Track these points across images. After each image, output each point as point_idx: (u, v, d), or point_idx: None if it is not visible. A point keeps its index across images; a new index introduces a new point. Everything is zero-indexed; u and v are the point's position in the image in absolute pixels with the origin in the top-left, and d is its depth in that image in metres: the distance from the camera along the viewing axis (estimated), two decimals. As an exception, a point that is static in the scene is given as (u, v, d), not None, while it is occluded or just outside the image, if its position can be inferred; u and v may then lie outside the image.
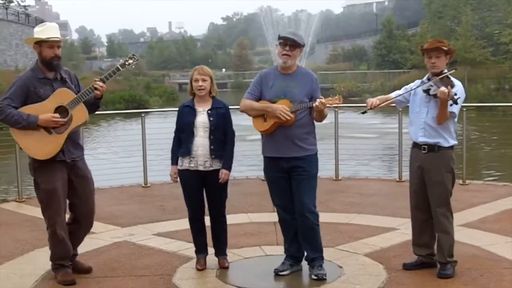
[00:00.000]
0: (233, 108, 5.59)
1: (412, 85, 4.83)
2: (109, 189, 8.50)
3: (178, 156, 4.85)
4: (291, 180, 4.65)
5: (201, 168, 4.76)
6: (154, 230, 6.23)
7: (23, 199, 7.79)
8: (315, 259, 4.70)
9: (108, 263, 5.15)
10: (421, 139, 4.69)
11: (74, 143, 4.68)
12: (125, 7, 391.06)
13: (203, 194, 4.90)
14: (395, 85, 27.71)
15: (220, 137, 4.80)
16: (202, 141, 4.75)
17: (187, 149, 4.77)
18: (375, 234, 5.87)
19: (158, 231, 6.18)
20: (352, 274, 4.74)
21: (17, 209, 7.38)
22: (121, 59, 4.87)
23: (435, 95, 4.47)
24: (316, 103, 4.46)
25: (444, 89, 4.33)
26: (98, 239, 5.77)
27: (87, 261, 5.00)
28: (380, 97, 4.84)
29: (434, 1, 49.01)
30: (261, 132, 4.73)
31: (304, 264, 4.83)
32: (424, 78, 4.75)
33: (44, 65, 4.57)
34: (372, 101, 4.71)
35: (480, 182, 8.84)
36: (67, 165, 4.61)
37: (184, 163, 4.80)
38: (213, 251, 5.03)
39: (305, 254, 4.79)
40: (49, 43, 4.52)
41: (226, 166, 4.80)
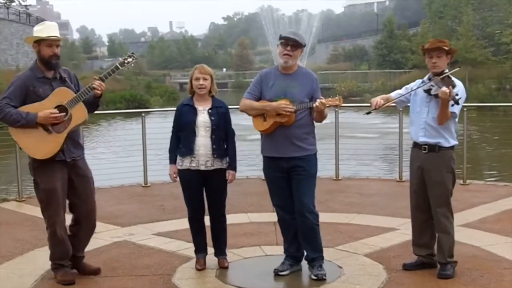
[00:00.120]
0: (234, 108, 5.59)
1: (413, 85, 4.81)
2: (109, 189, 8.49)
3: (177, 155, 4.83)
4: (291, 180, 4.64)
5: (203, 168, 4.74)
6: (154, 230, 6.22)
7: (23, 199, 7.80)
8: (315, 259, 4.70)
9: (108, 263, 5.15)
10: (422, 139, 4.67)
11: (74, 142, 4.67)
12: (126, 7, 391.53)
13: (203, 194, 4.88)
14: (396, 85, 27.62)
15: (221, 137, 4.79)
16: (204, 141, 4.73)
17: (189, 149, 4.73)
18: (375, 234, 5.86)
19: (158, 231, 6.18)
20: (352, 274, 4.73)
21: (17, 209, 7.38)
22: (121, 58, 4.86)
23: (436, 95, 4.46)
24: (316, 104, 4.45)
25: (446, 89, 4.32)
26: (98, 239, 5.75)
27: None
28: (382, 96, 4.81)
29: (435, 1, 48.94)
30: (261, 132, 4.72)
31: (304, 264, 4.83)
32: (425, 78, 4.73)
33: (43, 64, 4.56)
34: (377, 101, 4.67)
35: (481, 182, 8.83)
36: (67, 165, 4.60)
37: (185, 163, 4.78)
38: (213, 251, 5.02)
39: (305, 254, 4.78)
40: (48, 42, 4.51)
41: (232, 167, 4.80)
